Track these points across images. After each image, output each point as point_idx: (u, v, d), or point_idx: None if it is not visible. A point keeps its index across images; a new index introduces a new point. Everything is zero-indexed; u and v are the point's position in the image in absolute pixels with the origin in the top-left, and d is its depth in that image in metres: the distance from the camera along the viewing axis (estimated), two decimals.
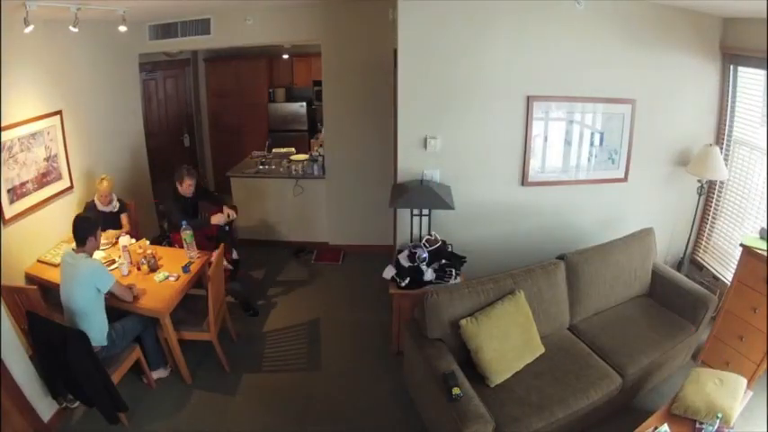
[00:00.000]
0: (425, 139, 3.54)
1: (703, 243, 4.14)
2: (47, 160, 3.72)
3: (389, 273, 3.42)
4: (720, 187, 3.91)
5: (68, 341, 2.60)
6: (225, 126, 6.99)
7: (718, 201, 3.96)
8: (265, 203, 5.34)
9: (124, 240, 3.59)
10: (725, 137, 3.81)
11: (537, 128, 3.64)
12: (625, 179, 3.89)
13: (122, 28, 3.74)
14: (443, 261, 3.42)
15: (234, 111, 6.92)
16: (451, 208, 3.34)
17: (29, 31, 2.88)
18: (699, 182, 3.79)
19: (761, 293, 2.92)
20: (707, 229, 4.08)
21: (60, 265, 2.95)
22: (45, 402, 2.87)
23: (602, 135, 3.77)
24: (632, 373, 2.88)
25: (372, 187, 4.92)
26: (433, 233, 3.52)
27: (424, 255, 3.38)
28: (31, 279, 3.41)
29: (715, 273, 3.92)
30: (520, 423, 2.48)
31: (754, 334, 2.98)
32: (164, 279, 3.32)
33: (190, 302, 3.39)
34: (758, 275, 2.95)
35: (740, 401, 2.43)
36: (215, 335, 3.33)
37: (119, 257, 3.52)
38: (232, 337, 3.76)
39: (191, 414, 3.09)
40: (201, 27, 4.76)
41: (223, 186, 5.90)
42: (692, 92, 3.75)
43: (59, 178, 3.87)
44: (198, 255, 3.60)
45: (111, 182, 3.91)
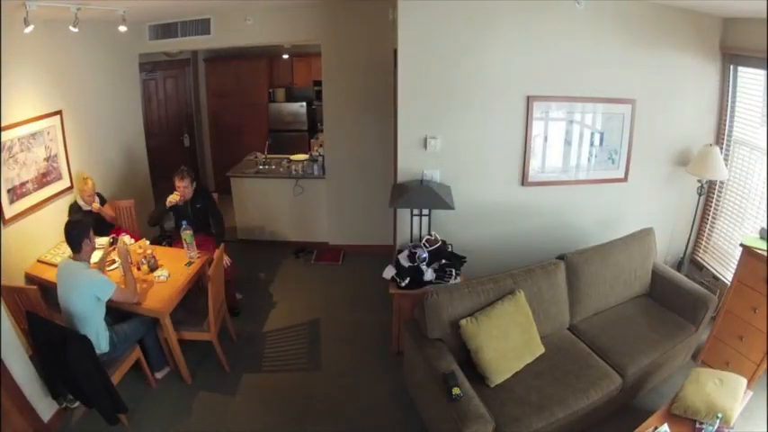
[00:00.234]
0: (425, 139, 3.54)
1: (703, 243, 4.13)
2: (47, 160, 3.72)
3: (389, 273, 3.42)
4: (720, 187, 3.91)
5: (68, 342, 2.60)
6: (225, 126, 6.98)
7: (718, 201, 3.96)
8: (265, 203, 5.34)
9: (124, 239, 3.59)
10: (725, 137, 3.81)
11: (537, 128, 3.64)
12: (625, 179, 3.89)
13: (122, 28, 3.74)
14: (443, 261, 3.42)
15: (234, 111, 6.92)
16: (451, 208, 3.34)
17: (29, 31, 2.88)
18: (699, 182, 3.79)
19: (761, 293, 2.92)
20: (707, 229, 4.08)
21: (57, 271, 2.92)
22: (45, 402, 2.87)
23: (602, 135, 3.77)
24: (632, 373, 2.88)
25: (372, 187, 4.92)
26: (433, 233, 3.52)
27: (424, 255, 3.38)
28: (31, 279, 3.41)
29: (715, 273, 3.92)
30: (520, 423, 2.48)
31: (754, 334, 2.98)
32: (159, 275, 3.33)
33: (190, 302, 3.40)
34: (758, 275, 2.95)
35: (740, 401, 2.43)
36: (215, 335, 3.33)
37: (118, 257, 3.51)
38: (232, 337, 3.76)
39: (191, 414, 3.09)
40: (201, 27, 4.76)
41: (223, 186, 5.91)
42: (692, 92, 3.75)
43: (59, 178, 3.87)
44: (198, 255, 3.61)
45: (93, 180, 3.89)
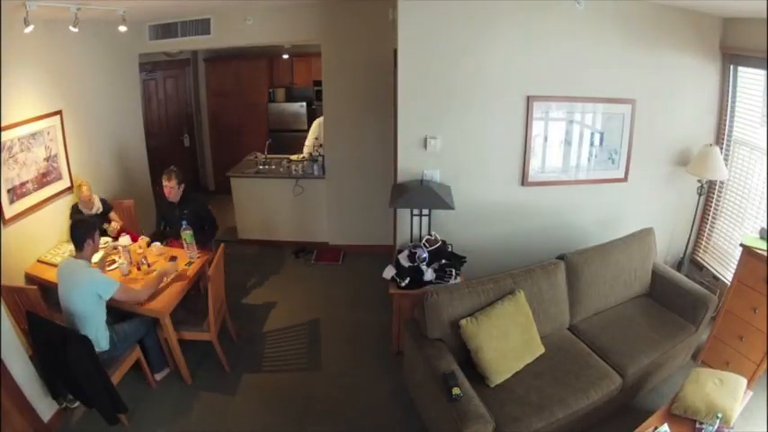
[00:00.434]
0: (425, 139, 3.53)
1: (703, 243, 4.13)
2: (47, 160, 3.72)
3: (389, 273, 3.42)
4: (720, 187, 3.91)
5: (68, 341, 2.59)
6: (225, 126, 6.98)
7: (718, 201, 3.95)
8: (265, 203, 5.34)
9: (124, 240, 3.59)
10: (725, 137, 3.81)
11: (537, 128, 3.64)
12: (625, 179, 3.88)
13: (122, 28, 3.74)
14: (443, 261, 3.42)
15: (234, 111, 6.91)
16: (451, 208, 3.34)
17: (29, 31, 2.89)
18: (699, 182, 3.79)
19: (761, 293, 2.92)
20: (707, 229, 4.08)
21: (58, 270, 2.93)
22: (45, 402, 2.87)
23: (602, 135, 3.77)
24: (632, 373, 2.88)
25: (372, 187, 4.92)
26: (433, 233, 3.52)
27: (424, 255, 3.38)
28: (31, 279, 3.41)
29: (715, 273, 3.92)
30: (520, 423, 2.48)
31: (754, 334, 2.98)
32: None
33: (190, 302, 3.40)
34: (758, 275, 2.95)
35: (740, 401, 2.43)
36: (215, 335, 3.33)
37: (118, 258, 3.52)
38: (232, 337, 3.76)
39: (191, 414, 3.09)
40: (201, 27, 4.76)
41: (223, 186, 5.91)
42: (692, 92, 3.75)
43: (59, 178, 3.87)
44: (198, 255, 3.61)
45: (90, 185, 3.89)
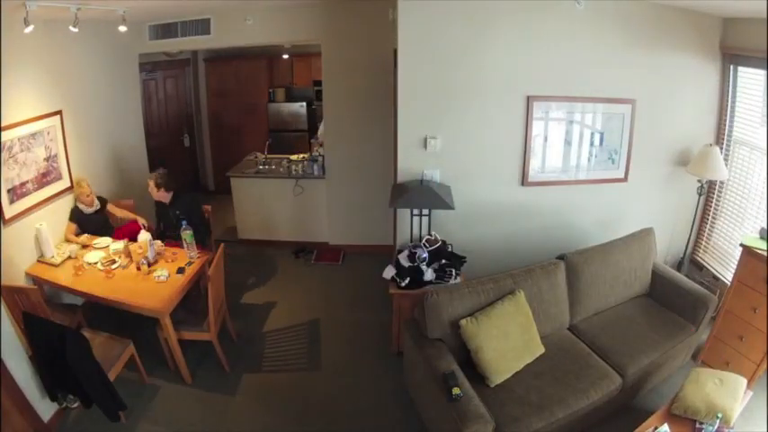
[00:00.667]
0: (425, 139, 3.53)
1: (703, 243, 4.13)
2: (47, 160, 3.72)
3: (389, 273, 3.42)
4: (720, 187, 3.91)
5: (67, 341, 2.59)
6: (225, 126, 6.97)
7: (718, 201, 3.96)
8: (265, 203, 5.34)
9: (143, 236, 3.61)
10: (725, 137, 3.81)
11: (537, 128, 3.64)
12: (625, 179, 3.88)
13: (122, 28, 3.73)
14: (443, 261, 3.42)
15: (234, 111, 6.91)
16: (451, 208, 3.34)
17: (29, 31, 2.88)
18: (699, 182, 3.79)
19: (761, 293, 2.92)
20: (707, 229, 4.08)
21: None
22: (45, 402, 2.87)
23: (602, 135, 3.77)
24: (632, 373, 2.88)
25: (372, 187, 4.92)
26: (433, 233, 3.52)
27: (424, 255, 3.38)
28: (31, 279, 3.40)
29: (715, 273, 3.92)
30: (520, 423, 2.48)
31: (754, 334, 2.98)
32: (159, 275, 3.32)
33: (190, 302, 3.39)
34: (758, 275, 2.95)
35: (740, 401, 2.43)
36: (215, 335, 3.33)
37: (119, 258, 3.52)
38: (232, 337, 3.76)
39: (191, 414, 3.08)
40: (201, 27, 4.75)
41: (223, 186, 5.91)
42: (692, 92, 3.75)
43: (59, 178, 3.87)
44: (198, 255, 3.61)
45: (89, 183, 3.90)
